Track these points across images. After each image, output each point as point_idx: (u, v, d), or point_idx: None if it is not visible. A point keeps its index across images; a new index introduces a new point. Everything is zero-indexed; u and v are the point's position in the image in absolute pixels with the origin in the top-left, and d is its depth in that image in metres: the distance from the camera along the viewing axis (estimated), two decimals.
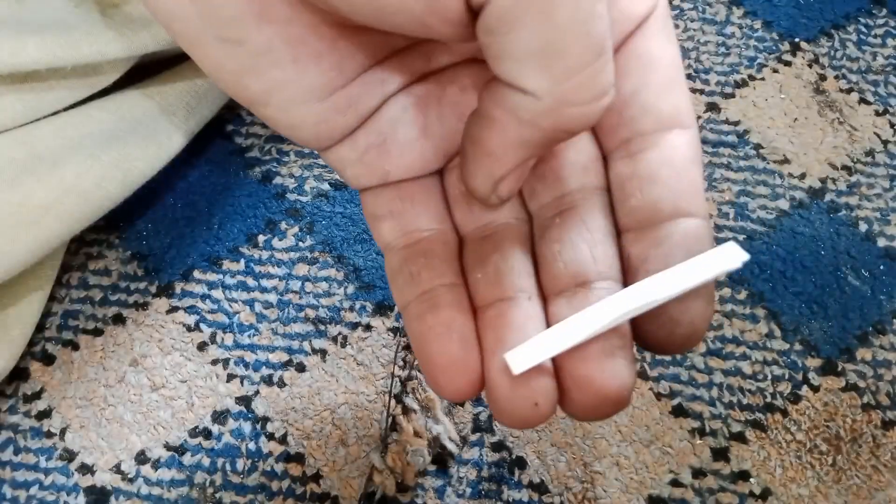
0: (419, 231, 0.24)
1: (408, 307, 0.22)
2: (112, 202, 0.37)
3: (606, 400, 0.20)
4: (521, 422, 0.21)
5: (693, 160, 0.22)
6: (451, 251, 0.23)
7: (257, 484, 0.37)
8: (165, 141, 0.39)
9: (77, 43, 0.34)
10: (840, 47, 0.51)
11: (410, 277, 0.23)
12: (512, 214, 0.24)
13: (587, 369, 0.20)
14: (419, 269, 0.23)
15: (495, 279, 0.22)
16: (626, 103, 0.22)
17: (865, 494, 0.37)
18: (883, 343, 0.41)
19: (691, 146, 0.22)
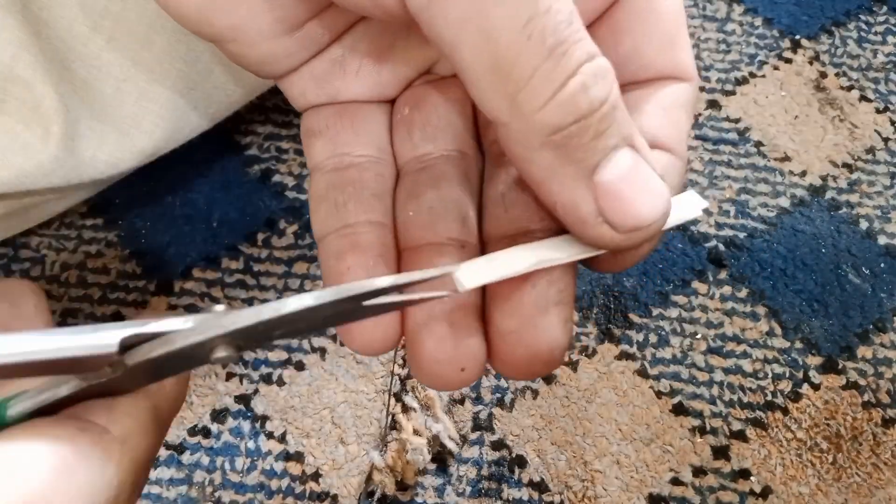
0: (353, 155, 0.22)
1: (326, 239, 0.21)
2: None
3: (535, 358, 0.19)
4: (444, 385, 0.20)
5: (682, 105, 0.21)
6: (385, 185, 0.22)
7: (257, 482, 0.37)
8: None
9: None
10: (841, 45, 0.51)
11: (335, 207, 0.21)
12: (455, 146, 0.23)
13: (517, 324, 0.19)
14: (346, 199, 0.21)
15: (428, 220, 0.21)
16: (627, 59, 0.21)
17: (866, 492, 0.37)
18: (883, 341, 0.41)
19: (685, 93, 0.22)
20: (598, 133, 0.17)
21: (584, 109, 0.17)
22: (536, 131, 0.17)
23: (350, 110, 0.23)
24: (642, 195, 0.18)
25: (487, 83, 0.17)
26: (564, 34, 0.16)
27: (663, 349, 0.40)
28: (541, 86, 0.16)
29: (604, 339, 0.41)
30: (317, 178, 0.22)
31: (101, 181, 0.37)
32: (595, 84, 0.17)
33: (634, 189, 0.18)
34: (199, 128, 0.39)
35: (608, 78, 0.17)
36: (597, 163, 0.18)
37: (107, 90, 0.34)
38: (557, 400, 0.39)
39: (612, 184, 0.18)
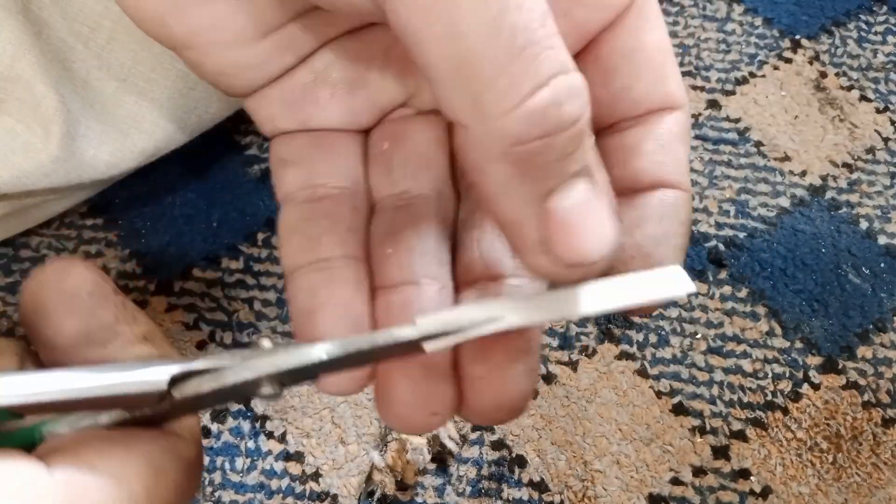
0: (327, 186, 0.21)
1: (296, 273, 0.20)
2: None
3: (502, 406, 0.19)
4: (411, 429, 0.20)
5: (678, 137, 0.21)
6: (360, 219, 0.21)
7: (256, 482, 0.37)
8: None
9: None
10: (841, 44, 0.51)
11: (308, 240, 0.21)
12: (434, 186, 0.22)
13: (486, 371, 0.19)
14: (320, 233, 0.21)
15: (406, 260, 0.20)
16: (618, 98, 0.21)
17: (866, 492, 0.37)
18: (883, 341, 0.41)
19: (678, 123, 0.21)
20: (562, 155, 0.16)
21: (552, 126, 0.16)
22: (498, 139, 0.16)
23: (324, 139, 0.22)
24: (591, 232, 0.17)
25: (451, 80, 0.16)
26: (537, 35, 0.15)
27: (663, 349, 0.40)
28: (508, 89, 0.15)
29: (604, 338, 0.41)
30: (288, 209, 0.22)
31: (102, 181, 0.37)
32: (568, 101, 0.16)
33: (585, 223, 0.17)
34: (199, 128, 0.39)
35: (582, 97, 0.16)
36: (553, 187, 0.17)
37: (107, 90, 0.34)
38: (557, 400, 0.39)
39: (565, 213, 0.17)
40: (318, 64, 0.21)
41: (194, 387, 0.17)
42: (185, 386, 0.17)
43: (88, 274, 0.20)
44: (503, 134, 0.16)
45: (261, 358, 0.17)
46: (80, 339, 0.20)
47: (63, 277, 0.20)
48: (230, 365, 0.18)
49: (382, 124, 0.23)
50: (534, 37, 0.15)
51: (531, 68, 0.15)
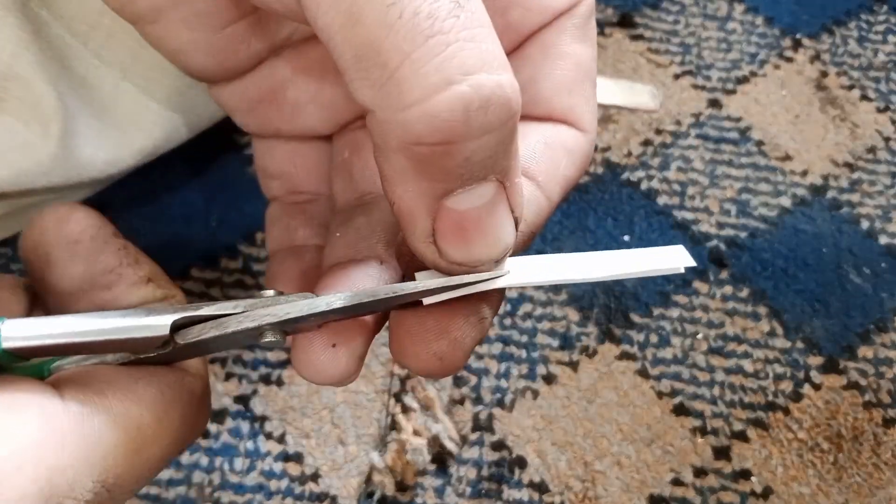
0: (306, 192, 0.24)
1: (277, 254, 0.23)
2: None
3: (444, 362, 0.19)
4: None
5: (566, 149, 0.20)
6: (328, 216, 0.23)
7: (256, 483, 0.37)
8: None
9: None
10: (841, 44, 0.51)
11: (287, 228, 0.23)
12: None
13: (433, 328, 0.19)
14: (297, 224, 0.23)
15: (354, 240, 0.20)
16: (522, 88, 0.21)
17: (866, 492, 0.37)
18: (884, 341, 0.41)
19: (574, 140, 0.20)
20: (465, 163, 0.15)
21: (457, 134, 0.15)
22: (397, 133, 0.15)
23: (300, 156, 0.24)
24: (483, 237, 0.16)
25: (356, 69, 0.15)
26: (446, 24, 0.14)
27: (664, 349, 0.40)
28: (410, 78, 0.14)
29: (604, 339, 0.40)
30: (275, 205, 0.24)
31: (101, 180, 0.37)
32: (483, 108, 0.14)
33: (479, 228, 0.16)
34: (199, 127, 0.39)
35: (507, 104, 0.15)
36: (452, 190, 0.16)
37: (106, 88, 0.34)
38: (558, 400, 0.39)
39: (458, 214, 0.16)
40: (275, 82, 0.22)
41: (197, 333, 0.18)
42: (188, 332, 0.18)
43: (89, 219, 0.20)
44: (403, 130, 0.15)
45: (263, 307, 0.18)
46: (84, 284, 0.20)
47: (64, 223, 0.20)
48: (233, 312, 0.18)
49: (343, 132, 0.24)
50: (442, 26, 0.14)
51: (437, 60, 0.14)
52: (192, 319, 0.18)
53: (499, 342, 0.40)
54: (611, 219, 0.44)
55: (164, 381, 0.18)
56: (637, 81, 0.49)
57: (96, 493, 0.16)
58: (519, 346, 0.40)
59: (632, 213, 0.44)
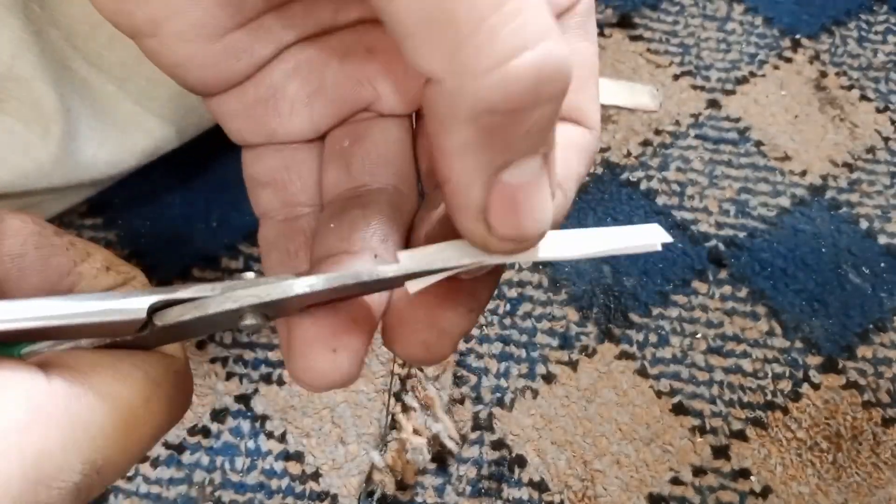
0: (300, 206, 0.22)
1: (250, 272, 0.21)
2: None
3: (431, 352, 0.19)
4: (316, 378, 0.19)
5: (575, 146, 0.20)
6: None
7: (256, 482, 0.37)
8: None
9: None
10: (841, 44, 0.51)
11: (287, 255, 0.22)
12: (392, 183, 0.22)
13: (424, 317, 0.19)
14: (296, 249, 0.22)
15: (347, 232, 0.20)
16: None
17: (866, 492, 0.37)
18: (883, 340, 0.41)
19: (582, 137, 0.20)
20: (528, 133, 0.16)
21: (528, 101, 0.15)
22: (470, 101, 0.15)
23: (293, 161, 0.23)
24: (533, 211, 0.17)
25: (425, 33, 0.15)
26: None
27: (663, 349, 0.40)
28: (487, 44, 0.14)
29: (604, 338, 0.41)
30: (267, 225, 0.23)
31: (101, 181, 0.37)
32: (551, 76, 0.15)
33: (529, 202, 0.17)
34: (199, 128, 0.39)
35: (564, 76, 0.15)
36: (511, 161, 0.16)
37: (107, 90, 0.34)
38: (557, 399, 0.39)
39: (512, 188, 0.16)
40: (276, 77, 0.21)
41: (176, 315, 0.17)
42: (167, 314, 0.17)
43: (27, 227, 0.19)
44: (476, 97, 0.15)
45: (244, 289, 0.17)
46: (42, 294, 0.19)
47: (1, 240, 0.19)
48: (211, 294, 0.17)
49: (343, 125, 0.23)
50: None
51: (513, 26, 0.14)
52: (170, 302, 0.17)
53: (499, 342, 0.40)
54: (610, 219, 0.44)
55: (148, 362, 0.18)
56: (636, 82, 0.49)
57: (85, 475, 0.16)
58: (519, 345, 0.40)
59: (631, 213, 0.44)
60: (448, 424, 0.38)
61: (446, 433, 0.38)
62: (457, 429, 0.38)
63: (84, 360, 0.17)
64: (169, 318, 0.17)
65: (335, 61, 0.21)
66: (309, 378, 0.19)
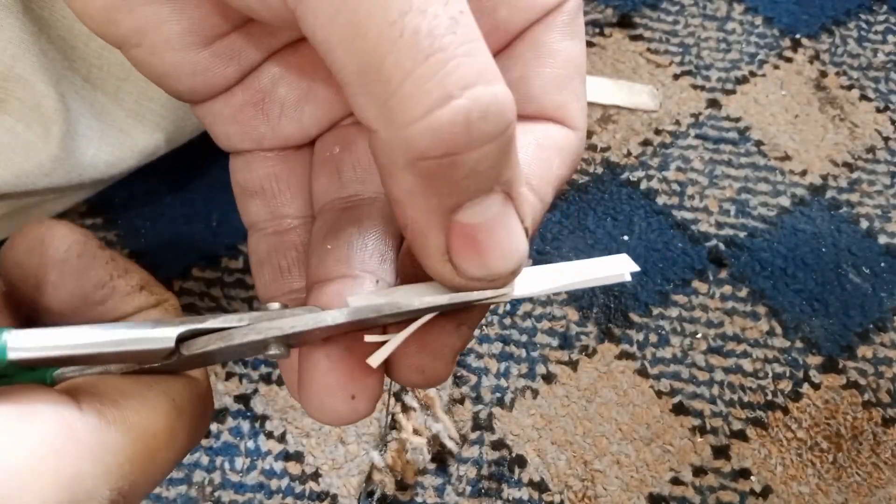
0: (289, 218, 0.23)
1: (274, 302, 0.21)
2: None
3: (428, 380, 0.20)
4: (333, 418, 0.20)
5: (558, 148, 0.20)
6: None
7: (256, 482, 0.37)
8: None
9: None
10: (841, 44, 0.51)
11: (280, 272, 0.22)
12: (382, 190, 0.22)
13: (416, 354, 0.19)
14: (289, 265, 0.22)
15: (345, 254, 0.20)
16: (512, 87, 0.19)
17: (866, 492, 0.37)
18: (884, 340, 0.41)
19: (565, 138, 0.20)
20: (471, 173, 0.16)
21: (460, 145, 0.15)
22: (402, 150, 0.15)
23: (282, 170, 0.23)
24: (497, 248, 0.17)
25: (358, 84, 0.15)
26: (445, 41, 0.15)
27: (663, 349, 0.40)
28: (413, 95, 0.15)
29: (604, 338, 0.41)
30: (256, 237, 0.23)
31: (101, 181, 0.37)
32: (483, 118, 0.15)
33: (491, 240, 0.17)
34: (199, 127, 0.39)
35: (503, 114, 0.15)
36: (461, 203, 0.16)
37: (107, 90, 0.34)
38: (557, 399, 0.39)
39: (470, 228, 0.16)
40: (265, 81, 0.21)
41: (202, 345, 0.18)
42: (193, 344, 0.18)
43: (73, 235, 0.20)
44: (407, 146, 0.15)
45: (269, 320, 0.18)
46: (76, 301, 0.20)
47: (48, 243, 0.19)
48: (238, 325, 0.18)
49: (332, 130, 0.23)
50: (441, 43, 0.15)
51: (438, 77, 0.15)
52: (197, 332, 0.18)
53: (499, 342, 0.40)
54: (610, 218, 0.44)
55: (174, 389, 0.18)
56: (636, 81, 0.49)
57: (112, 500, 0.16)
58: (518, 345, 0.40)
59: (631, 212, 0.44)
60: (448, 424, 0.38)
61: (446, 433, 0.38)
62: (457, 429, 0.38)
63: (113, 386, 0.18)
64: (195, 347, 0.18)
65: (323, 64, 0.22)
66: (326, 419, 0.19)
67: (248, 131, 0.22)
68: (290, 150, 0.23)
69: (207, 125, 0.22)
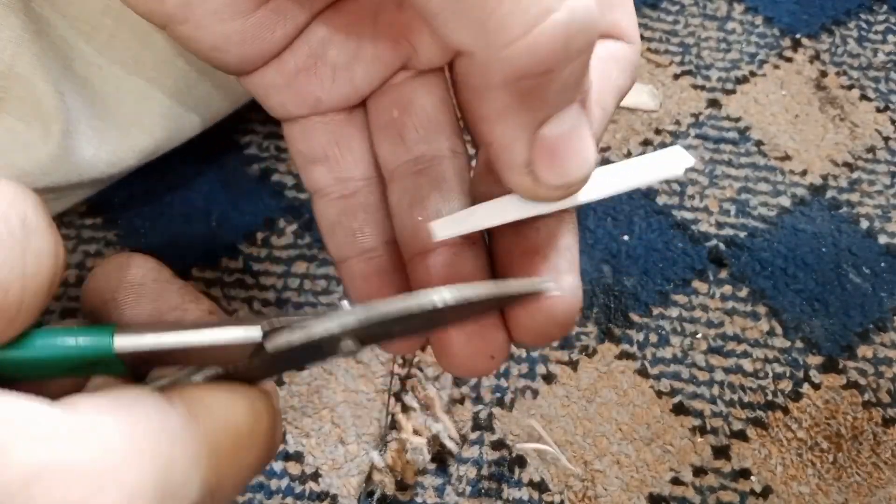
0: (354, 180, 0.23)
1: (348, 262, 0.22)
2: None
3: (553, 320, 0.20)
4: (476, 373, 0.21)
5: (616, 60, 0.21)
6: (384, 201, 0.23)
7: (256, 482, 0.37)
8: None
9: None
10: (841, 43, 0.51)
11: (352, 234, 0.22)
12: (448, 146, 0.23)
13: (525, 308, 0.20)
14: (361, 226, 0.23)
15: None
16: None
17: (866, 492, 0.37)
18: (884, 340, 0.41)
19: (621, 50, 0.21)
20: (563, 87, 0.16)
21: (558, 61, 0.15)
22: (501, 69, 0.15)
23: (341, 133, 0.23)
24: (575, 157, 0.18)
25: (452, 9, 0.15)
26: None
27: (664, 349, 0.40)
28: (512, 13, 0.15)
29: (604, 338, 0.41)
30: (324, 203, 0.23)
31: (101, 180, 0.37)
32: (577, 34, 0.15)
33: (570, 149, 0.17)
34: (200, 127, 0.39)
35: (592, 28, 0.16)
36: (549, 116, 0.17)
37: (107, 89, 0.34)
38: (557, 399, 0.39)
39: (552, 139, 0.17)
40: (314, 43, 0.21)
41: (285, 338, 0.18)
42: (276, 338, 0.18)
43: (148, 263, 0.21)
44: (507, 66, 0.15)
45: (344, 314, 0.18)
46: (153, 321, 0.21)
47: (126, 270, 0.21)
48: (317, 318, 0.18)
49: (384, 90, 0.23)
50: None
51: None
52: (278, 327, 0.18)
53: None
54: (610, 218, 0.44)
55: (254, 394, 0.19)
56: (636, 81, 0.49)
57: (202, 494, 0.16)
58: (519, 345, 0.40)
59: (631, 212, 0.44)
60: (448, 424, 0.38)
61: (446, 433, 0.38)
62: (457, 429, 0.38)
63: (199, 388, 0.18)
64: (279, 342, 0.18)
65: (369, 22, 0.21)
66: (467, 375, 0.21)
67: (304, 97, 0.22)
68: (345, 113, 0.23)
69: (261, 97, 0.22)
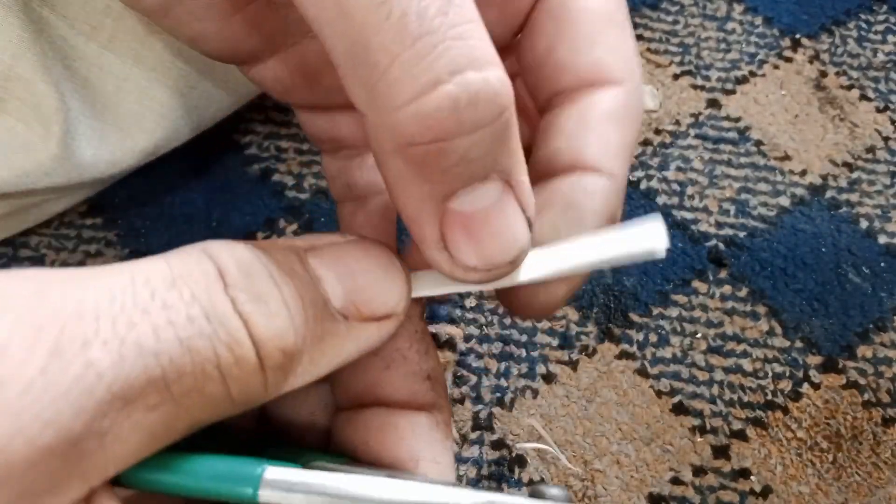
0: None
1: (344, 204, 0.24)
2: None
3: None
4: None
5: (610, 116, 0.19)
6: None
7: None
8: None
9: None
10: (841, 43, 0.51)
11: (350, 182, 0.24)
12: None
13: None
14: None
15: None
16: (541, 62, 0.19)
17: (866, 492, 0.37)
18: (884, 340, 0.41)
19: (613, 101, 0.19)
20: (462, 160, 0.15)
21: (448, 131, 0.15)
22: (390, 134, 0.15)
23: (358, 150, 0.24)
24: (495, 238, 0.16)
25: (347, 67, 0.15)
26: (434, 24, 0.14)
27: (663, 348, 0.40)
28: (400, 79, 0.14)
29: (604, 338, 0.41)
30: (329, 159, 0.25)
31: (102, 180, 0.37)
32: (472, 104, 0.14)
33: (488, 229, 0.16)
34: (200, 127, 0.39)
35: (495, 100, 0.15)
36: (454, 191, 0.16)
37: (108, 89, 0.34)
38: (557, 399, 0.39)
39: (465, 216, 0.16)
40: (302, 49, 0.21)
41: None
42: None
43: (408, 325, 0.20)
44: (394, 131, 0.15)
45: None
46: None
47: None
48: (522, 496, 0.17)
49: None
50: (430, 26, 0.14)
51: (426, 61, 0.14)
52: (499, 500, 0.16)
53: (499, 341, 0.40)
54: None
55: None
56: None
57: None
58: (518, 345, 0.40)
59: (631, 212, 0.44)
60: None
61: None
62: (456, 428, 0.38)
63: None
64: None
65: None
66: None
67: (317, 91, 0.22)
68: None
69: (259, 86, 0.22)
